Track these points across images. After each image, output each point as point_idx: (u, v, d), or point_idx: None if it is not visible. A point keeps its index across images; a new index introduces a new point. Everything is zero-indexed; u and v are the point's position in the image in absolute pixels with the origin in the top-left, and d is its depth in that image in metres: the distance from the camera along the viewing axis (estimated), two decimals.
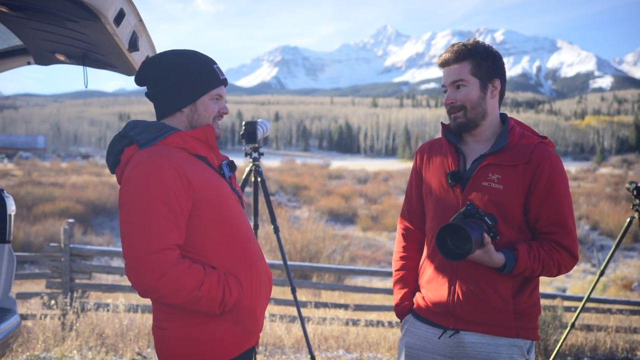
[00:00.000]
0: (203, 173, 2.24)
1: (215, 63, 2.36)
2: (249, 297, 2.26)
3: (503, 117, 2.55)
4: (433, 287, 2.51)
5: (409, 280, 2.69)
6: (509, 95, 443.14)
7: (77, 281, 7.48)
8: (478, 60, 2.42)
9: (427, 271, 2.57)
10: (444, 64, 2.49)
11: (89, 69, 3.58)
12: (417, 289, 2.66)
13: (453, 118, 2.47)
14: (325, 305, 8.09)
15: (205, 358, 2.19)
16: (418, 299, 2.60)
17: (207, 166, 2.30)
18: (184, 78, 2.27)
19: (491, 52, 2.45)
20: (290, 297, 7.93)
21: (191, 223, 2.17)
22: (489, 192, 2.37)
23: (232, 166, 2.43)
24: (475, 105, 2.43)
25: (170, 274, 2.04)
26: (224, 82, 2.37)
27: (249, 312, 2.26)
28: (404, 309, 2.67)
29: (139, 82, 2.35)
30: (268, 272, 2.44)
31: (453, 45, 2.49)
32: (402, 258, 2.72)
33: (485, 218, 2.28)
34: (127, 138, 2.25)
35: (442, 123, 2.65)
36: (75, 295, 7.26)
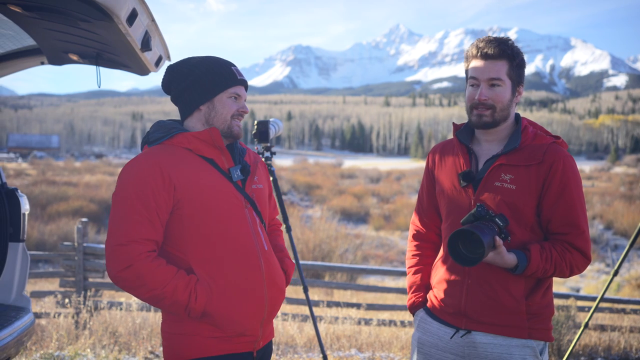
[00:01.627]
0: (196, 174, 2.29)
1: (234, 66, 2.44)
2: (227, 302, 2.27)
3: (516, 116, 2.52)
4: (445, 287, 2.51)
5: (422, 276, 2.69)
6: (522, 94, 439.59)
7: (90, 280, 7.53)
8: (516, 62, 2.38)
9: (439, 271, 2.57)
10: (483, 57, 2.38)
11: (102, 69, 3.60)
12: (429, 285, 2.66)
13: (478, 115, 2.40)
14: (337, 304, 8.08)
15: (184, 350, 2.28)
16: (431, 298, 2.60)
17: (211, 168, 2.34)
18: (201, 76, 2.36)
19: (523, 57, 2.43)
20: (302, 296, 7.95)
21: (173, 221, 2.27)
22: (502, 192, 2.35)
23: (243, 170, 2.43)
24: (504, 107, 2.39)
25: (135, 267, 2.14)
26: (242, 82, 2.43)
27: (225, 317, 2.27)
28: (416, 303, 2.67)
29: (165, 89, 2.48)
30: (275, 279, 2.42)
31: (495, 39, 2.40)
32: (414, 256, 2.73)
33: (496, 219, 2.27)
34: (147, 135, 2.43)
35: (453, 123, 2.62)
36: (88, 294, 7.31)
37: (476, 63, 2.40)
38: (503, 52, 2.36)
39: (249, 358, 2.36)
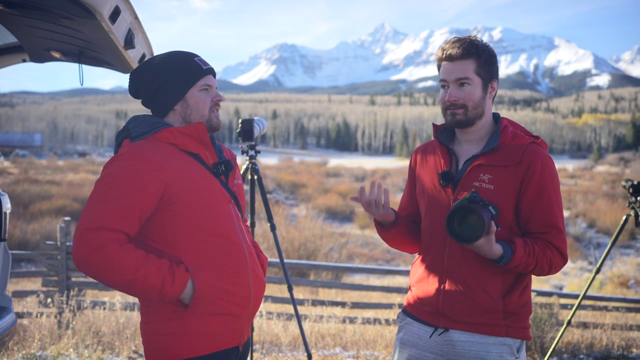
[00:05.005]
0: (187, 170, 2.27)
1: (197, 56, 2.40)
2: (218, 298, 2.26)
3: (495, 116, 2.54)
4: (423, 286, 2.53)
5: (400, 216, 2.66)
6: (506, 93, 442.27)
7: (73, 279, 7.47)
8: (483, 59, 2.39)
9: (418, 270, 2.59)
10: (448, 59, 2.42)
11: (85, 67, 3.58)
12: (404, 220, 2.66)
13: (451, 114, 2.43)
14: (322, 303, 8.09)
15: (174, 351, 2.24)
16: (409, 297, 2.62)
17: (198, 163, 2.32)
18: (167, 76, 2.33)
19: (492, 53, 2.44)
20: (287, 295, 7.94)
21: (164, 218, 2.23)
22: (480, 192, 2.37)
23: (227, 166, 2.41)
24: (476, 105, 2.41)
25: (102, 253, 2.07)
26: (209, 71, 2.39)
27: (217, 313, 2.26)
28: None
29: (133, 94, 2.43)
30: (257, 273, 2.43)
31: (458, 40, 2.43)
32: None
33: (490, 207, 2.28)
34: (126, 130, 2.35)
35: (433, 124, 2.64)
36: (71, 293, 7.25)
37: (444, 65, 2.44)
38: (467, 51, 2.39)
39: (235, 352, 2.37)
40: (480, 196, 2.34)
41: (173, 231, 2.25)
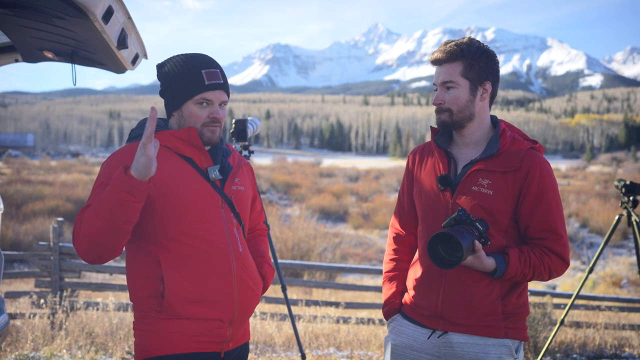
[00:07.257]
0: (175, 172, 2.28)
1: (209, 67, 2.33)
2: (192, 300, 2.26)
3: (494, 119, 2.53)
4: (421, 289, 2.52)
5: (399, 280, 2.69)
6: (499, 93, 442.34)
7: (66, 280, 7.44)
8: (470, 61, 2.39)
9: (416, 273, 2.58)
10: (435, 63, 2.45)
11: (78, 67, 3.57)
12: (404, 291, 2.67)
13: (438, 117, 2.46)
14: (316, 303, 8.09)
15: (151, 347, 2.28)
16: (406, 299, 2.61)
17: (189, 166, 2.33)
18: (169, 84, 2.35)
19: (484, 53, 2.42)
20: (281, 295, 7.93)
21: (144, 214, 2.24)
22: (478, 197, 2.37)
23: (222, 170, 2.40)
24: (462, 109, 2.41)
25: (77, 234, 2.17)
26: (213, 87, 2.32)
27: (190, 314, 2.26)
28: (392, 309, 2.67)
29: (158, 77, 2.44)
30: (247, 281, 2.39)
31: (446, 43, 2.44)
32: (391, 260, 2.74)
33: (477, 224, 2.29)
34: (130, 133, 2.45)
35: (431, 127, 2.64)
36: (64, 294, 7.22)
37: (434, 69, 2.47)
38: (452, 55, 2.39)
39: (216, 358, 2.34)
40: (477, 202, 2.36)
41: (152, 229, 2.26)
